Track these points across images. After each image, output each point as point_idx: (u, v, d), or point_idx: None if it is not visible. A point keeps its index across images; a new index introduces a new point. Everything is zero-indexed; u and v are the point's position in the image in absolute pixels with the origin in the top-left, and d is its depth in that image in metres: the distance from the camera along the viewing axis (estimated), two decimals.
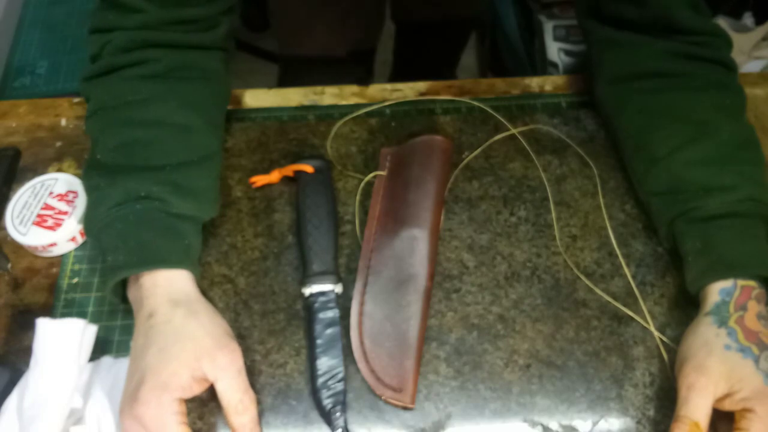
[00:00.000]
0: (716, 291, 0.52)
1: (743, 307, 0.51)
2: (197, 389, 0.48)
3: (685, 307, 0.57)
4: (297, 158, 0.64)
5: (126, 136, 0.55)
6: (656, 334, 0.56)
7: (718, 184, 0.55)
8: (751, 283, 0.52)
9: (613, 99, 0.64)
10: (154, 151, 0.54)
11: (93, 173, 0.54)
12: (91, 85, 0.57)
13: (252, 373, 0.54)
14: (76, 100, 0.71)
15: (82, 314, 0.57)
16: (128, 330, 0.56)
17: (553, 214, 0.62)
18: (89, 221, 0.54)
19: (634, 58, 0.61)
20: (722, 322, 0.51)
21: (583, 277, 0.59)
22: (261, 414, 0.53)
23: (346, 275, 0.59)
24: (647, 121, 0.60)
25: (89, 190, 0.54)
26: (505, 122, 0.68)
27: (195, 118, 0.57)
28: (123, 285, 0.53)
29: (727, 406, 0.48)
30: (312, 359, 0.54)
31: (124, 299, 0.54)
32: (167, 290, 0.50)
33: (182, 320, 0.49)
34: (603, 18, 0.64)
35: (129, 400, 0.46)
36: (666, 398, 0.53)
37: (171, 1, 0.56)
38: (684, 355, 0.51)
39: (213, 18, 0.59)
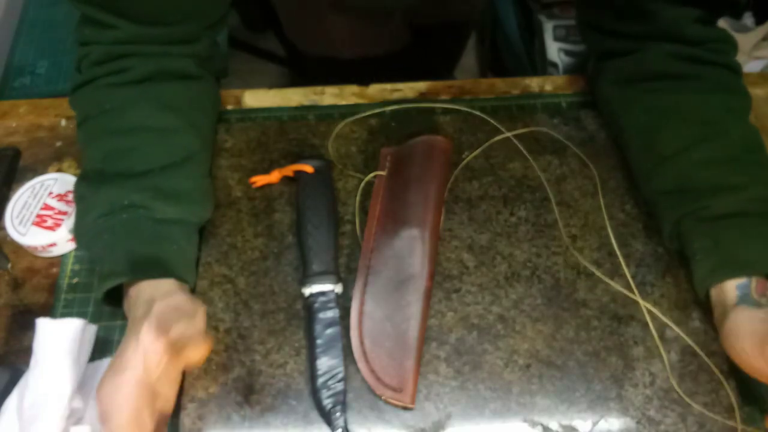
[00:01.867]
0: (732, 288, 0.52)
1: (764, 295, 0.51)
2: (156, 371, 0.45)
3: (685, 307, 0.57)
4: (297, 158, 0.64)
5: (108, 145, 0.55)
6: (655, 334, 0.56)
7: (727, 183, 0.55)
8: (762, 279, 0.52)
9: (619, 99, 0.64)
10: (135, 158, 0.54)
11: (81, 183, 0.55)
12: (75, 97, 0.58)
13: (252, 373, 0.54)
14: None
15: (82, 314, 0.57)
16: None
17: (556, 214, 0.62)
18: (78, 232, 0.55)
19: (640, 60, 0.61)
20: (757, 306, 0.51)
21: (593, 268, 0.59)
22: (261, 414, 0.53)
23: (346, 275, 0.59)
24: (655, 120, 0.60)
25: (77, 200, 0.55)
26: (499, 126, 0.68)
27: (172, 120, 0.56)
28: (118, 291, 0.53)
29: None
30: (312, 359, 0.54)
31: (118, 303, 0.54)
32: (153, 292, 0.50)
33: (148, 306, 0.48)
34: (606, 32, 0.64)
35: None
36: (666, 398, 0.53)
37: (146, 19, 0.55)
38: (743, 332, 0.50)
39: (192, 34, 0.58)
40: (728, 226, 0.54)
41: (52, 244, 0.59)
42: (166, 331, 0.46)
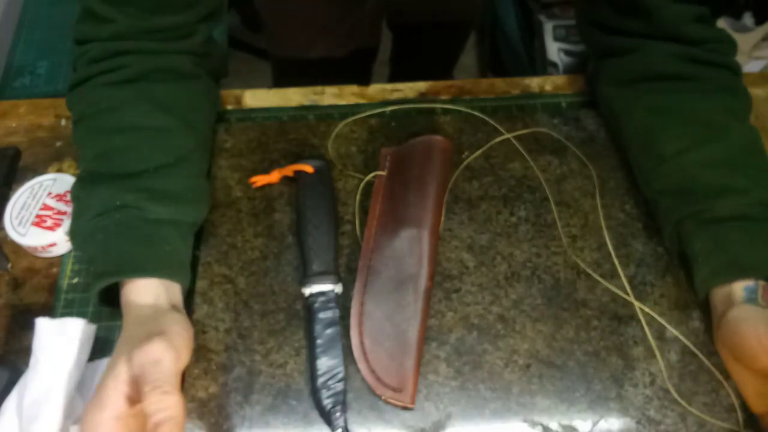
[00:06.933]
0: (739, 288, 0.52)
1: None
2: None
3: (685, 307, 0.57)
4: (297, 158, 0.64)
5: (102, 144, 0.55)
6: (650, 334, 0.56)
7: (730, 186, 0.55)
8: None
9: (620, 99, 0.64)
10: (129, 158, 0.54)
11: (77, 184, 0.55)
12: (72, 96, 0.58)
13: (252, 373, 0.54)
14: None
15: (82, 314, 0.57)
16: None
17: (555, 214, 0.62)
18: (73, 232, 0.55)
19: (641, 61, 0.61)
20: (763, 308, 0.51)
21: (590, 270, 0.59)
22: (261, 414, 0.53)
23: (346, 275, 0.59)
24: (657, 121, 0.60)
25: (72, 200, 0.55)
26: (499, 127, 0.68)
27: (168, 120, 0.56)
28: (115, 290, 0.53)
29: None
30: (312, 359, 0.54)
31: (112, 304, 0.53)
32: (137, 310, 0.50)
33: (132, 331, 0.48)
34: (607, 29, 0.64)
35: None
36: (666, 398, 0.53)
37: (143, 10, 0.55)
38: (736, 323, 0.50)
39: (188, 26, 0.58)
40: (730, 229, 0.54)
41: (52, 244, 0.59)
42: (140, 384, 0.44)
